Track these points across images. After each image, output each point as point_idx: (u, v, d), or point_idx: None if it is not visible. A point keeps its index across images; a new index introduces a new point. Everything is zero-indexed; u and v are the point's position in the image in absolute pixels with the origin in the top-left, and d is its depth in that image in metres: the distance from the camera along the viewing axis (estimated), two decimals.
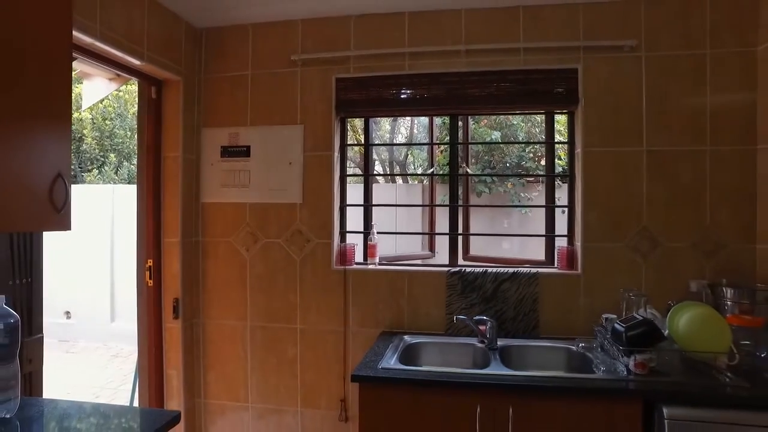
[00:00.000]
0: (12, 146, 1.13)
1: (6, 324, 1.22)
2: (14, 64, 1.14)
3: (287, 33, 2.46)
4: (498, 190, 4.56)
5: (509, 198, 4.53)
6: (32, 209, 1.19)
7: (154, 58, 2.23)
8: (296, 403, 2.46)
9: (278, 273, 2.50)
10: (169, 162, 2.47)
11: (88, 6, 1.84)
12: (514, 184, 4.54)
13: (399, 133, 5.22)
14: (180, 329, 2.47)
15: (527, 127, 4.62)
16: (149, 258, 2.46)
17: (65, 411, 1.34)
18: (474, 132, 4.22)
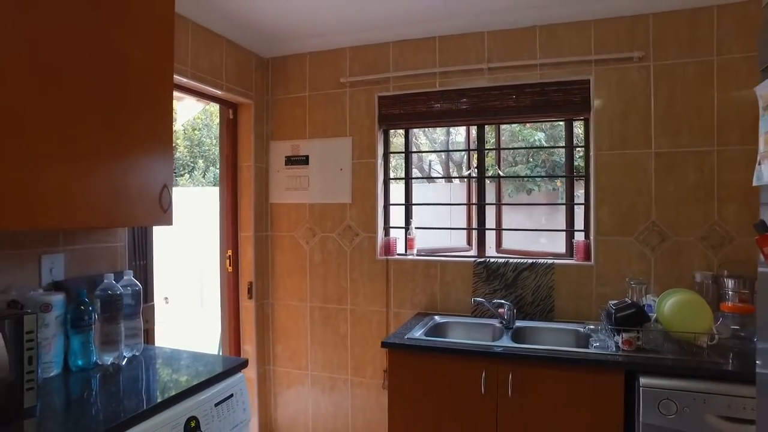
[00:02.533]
0: (136, 166, 1.65)
1: (133, 290, 1.77)
2: (136, 107, 1.66)
3: (337, 59, 2.91)
4: (548, 187, 4.76)
5: (558, 195, 4.71)
6: (147, 210, 1.71)
7: (231, 88, 2.76)
8: (347, 372, 2.92)
9: (332, 262, 2.96)
10: (244, 170, 3.00)
11: (182, 55, 2.38)
12: (563, 183, 4.69)
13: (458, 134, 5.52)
14: (253, 308, 3.00)
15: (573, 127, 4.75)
16: (229, 249, 3.01)
17: (170, 354, 1.86)
18: (519, 133, 4.46)
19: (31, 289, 1.64)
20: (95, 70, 1.50)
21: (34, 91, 1.33)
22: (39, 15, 1.35)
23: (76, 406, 1.41)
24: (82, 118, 1.46)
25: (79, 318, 1.63)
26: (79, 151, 1.45)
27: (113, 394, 1.49)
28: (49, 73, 1.37)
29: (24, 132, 1.30)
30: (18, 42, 1.29)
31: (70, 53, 1.43)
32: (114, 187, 1.56)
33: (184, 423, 1.43)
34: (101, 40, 1.52)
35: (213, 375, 1.63)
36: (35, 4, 1.33)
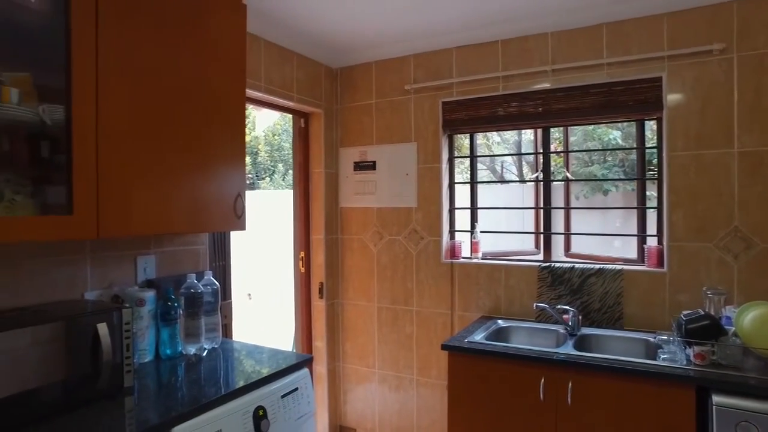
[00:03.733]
0: (213, 178, 1.83)
1: (213, 288, 1.97)
2: (213, 126, 1.84)
3: (402, 67, 2.99)
4: (626, 188, 4.54)
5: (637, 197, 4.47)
6: (224, 217, 1.89)
7: (301, 99, 2.94)
8: (412, 371, 3.00)
9: (398, 264, 3.05)
10: (315, 176, 3.18)
11: (256, 71, 2.58)
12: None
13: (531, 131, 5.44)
14: (324, 307, 3.16)
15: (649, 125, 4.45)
16: (302, 250, 3.20)
17: (244, 348, 2.04)
18: (592, 132, 4.28)
19: (129, 285, 1.88)
20: (180, 96, 1.70)
21: (130, 118, 1.54)
22: (137, 52, 1.55)
23: (165, 389, 1.60)
24: (169, 138, 1.67)
25: (167, 312, 1.85)
26: (166, 168, 1.65)
27: (194, 380, 1.68)
28: (143, 100, 1.58)
29: (121, 153, 1.51)
30: (118, 75, 1.50)
31: (159, 83, 1.63)
32: (195, 198, 1.76)
33: (252, 411, 1.58)
34: (185, 70, 1.72)
35: (280, 369, 1.77)
36: (133, 42, 1.54)
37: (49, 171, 1.54)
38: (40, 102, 1.44)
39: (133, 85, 1.55)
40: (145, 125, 1.59)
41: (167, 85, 1.66)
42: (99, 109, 1.46)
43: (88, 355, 1.46)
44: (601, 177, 4.50)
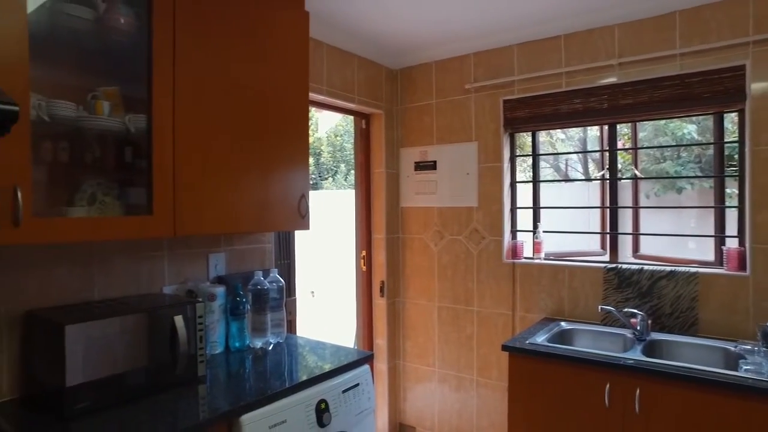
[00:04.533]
0: (279, 180, 1.92)
1: (278, 285, 2.06)
2: (278, 130, 1.93)
3: (462, 66, 2.98)
4: (702, 185, 4.26)
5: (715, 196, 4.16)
6: (288, 217, 1.98)
7: (363, 100, 3.00)
8: (472, 372, 2.98)
9: (459, 264, 3.04)
10: (376, 176, 3.23)
11: (318, 74, 2.67)
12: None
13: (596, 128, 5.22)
14: (385, 305, 3.21)
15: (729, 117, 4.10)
16: (363, 249, 3.26)
17: (308, 343, 2.12)
18: (664, 127, 4.03)
19: (201, 281, 2.01)
20: (247, 102, 1.80)
21: (202, 124, 1.65)
22: (207, 63, 1.66)
23: (234, 379, 1.70)
24: (237, 143, 1.77)
25: (236, 307, 1.96)
26: (234, 170, 1.76)
27: (261, 372, 1.77)
28: (213, 107, 1.69)
29: (194, 157, 1.63)
30: (192, 86, 1.61)
31: (228, 90, 1.74)
32: (261, 198, 1.85)
33: (315, 404, 1.65)
34: (251, 76, 1.82)
35: (342, 364, 1.83)
36: (204, 54, 1.65)
37: (131, 175, 1.68)
38: (126, 112, 1.58)
39: (204, 93, 1.66)
40: (215, 130, 1.70)
41: (235, 92, 1.76)
42: (176, 117, 1.58)
43: (166, 345, 1.58)
44: (675, 174, 4.24)
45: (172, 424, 1.32)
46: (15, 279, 1.53)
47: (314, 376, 1.71)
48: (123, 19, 1.55)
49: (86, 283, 1.70)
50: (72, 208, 1.55)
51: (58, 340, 1.35)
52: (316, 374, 1.72)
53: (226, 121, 1.73)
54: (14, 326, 1.52)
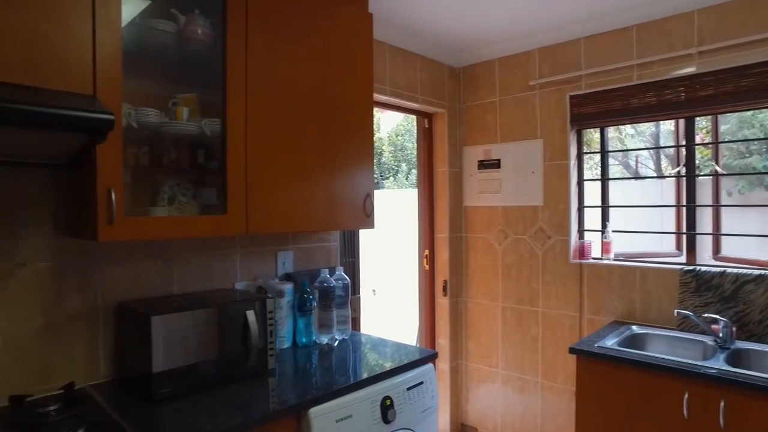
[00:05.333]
0: (345, 180, 1.97)
1: (343, 283, 2.12)
2: (344, 131, 1.98)
3: (526, 62, 2.91)
4: None
5: None
6: (354, 216, 2.02)
7: (425, 99, 3.00)
8: (537, 374, 2.91)
9: (524, 264, 2.98)
10: (439, 175, 3.22)
11: (382, 75, 2.70)
12: None
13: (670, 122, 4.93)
14: (448, 305, 3.20)
15: None
16: (426, 248, 3.27)
17: (372, 341, 2.16)
18: (752, 119, 3.72)
19: (271, 278, 2.10)
20: (313, 104, 1.86)
21: (271, 127, 1.72)
22: (276, 68, 1.74)
23: (301, 373, 1.77)
24: (304, 144, 1.83)
25: (303, 304, 2.03)
26: (302, 171, 1.82)
27: (327, 368, 1.82)
28: (281, 110, 1.76)
29: (264, 158, 1.70)
30: (262, 90, 1.69)
31: (295, 92, 1.80)
32: (328, 198, 1.91)
33: (380, 400, 1.68)
34: (317, 79, 1.88)
35: (407, 362, 1.85)
36: (273, 59, 1.73)
37: (205, 176, 1.78)
38: (202, 117, 1.68)
39: (274, 97, 1.74)
40: (284, 132, 1.77)
41: (302, 95, 1.83)
42: (248, 121, 1.66)
43: (239, 338, 1.66)
44: (763, 170, 3.92)
45: (245, 414, 1.39)
46: (109, 273, 1.67)
47: (379, 372, 1.74)
48: (200, 30, 1.65)
49: (167, 278, 1.82)
50: (155, 207, 1.67)
51: (145, 330, 1.46)
52: (382, 371, 1.75)
53: (295, 123, 1.80)
54: (109, 316, 1.66)
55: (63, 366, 1.57)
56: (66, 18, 1.27)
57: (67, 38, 1.27)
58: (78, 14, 1.29)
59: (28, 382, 1.49)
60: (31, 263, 1.51)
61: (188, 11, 1.64)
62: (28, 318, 1.50)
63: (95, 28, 1.31)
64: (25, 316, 1.50)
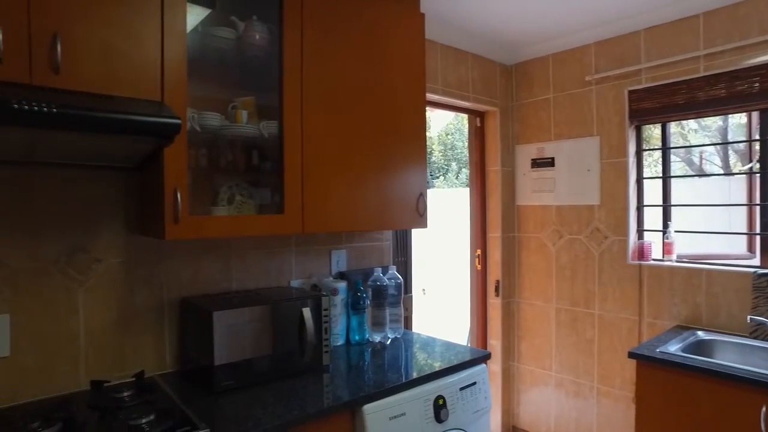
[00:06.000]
0: (397, 179, 1.98)
1: (396, 282, 2.13)
2: (396, 130, 1.99)
3: (581, 57, 2.83)
4: None
5: None
6: (407, 215, 2.03)
7: (477, 98, 2.97)
8: (592, 378, 2.82)
9: (579, 264, 2.90)
10: (491, 174, 3.19)
11: (433, 74, 2.70)
12: None
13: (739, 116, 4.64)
14: (500, 305, 3.16)
15: None
16: (478, 248, 3.24)
17: (424, 340, 2.17)
18: None
19: (325, 276, 2.15)
20: (366, 104, 1.89)
21: (326, 127, 1.76)
22: (330, 70, 1.77)
23: (354, 370, 1.79)
24: (358, 144, 1.86)
25: (356, 302, 2.06)
26: (356, 171, 1.85)
27: (379, 365, 1.84)
28: (335, 111, 1.80)
29: (319, 159, 1.74)
30: (317, 92, 1.73)
31: (349, 94, 1.83)
32: (381, 197, 1.93)
33: (433, 399, 1.68)
34: (370, 80, 1.90)
35: (460, 362, 1.84)
36: (327, 62, 1.76)
37: (262, 176, 1.85)
38: (260, 119, 1.74)
39: (328, 98, 1.77)
40: (338, 133, 1.80)
41: (355, 96, 1.85)
42: (304, 122, 1.70)
43: (295, 334, 1.71)
44: None
45: (302, 408, 1.43)
46: (173, 269, 1.76)
47: (433, 372, 1.74)
48: (258, 36, 1.71)
49: (226, 275, 1.89)
50: (215, 207, 1.74)
51: (207, 324, 1.53)
52: (435, 370, 1.75)
53: (349, 124, 1.83)
54: (173, 310, 1.76)
55: (134, 355, 1.67)
56: (138, 31, 1.35)
57: (138, 49, 1.35)
58: (148, 27, 1.37)
59: (105, 369, 1.60)
60: (106, 259, 1.62)
61: (247, 18, 1.70)
62: (105, 310, 1.61)
63: (163, 39, 1.39)
64: (102, 307, 1.61)
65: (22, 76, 1.17)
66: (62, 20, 1.23)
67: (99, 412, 1.35)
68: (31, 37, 1.18)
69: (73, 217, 1.56)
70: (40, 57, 1.19)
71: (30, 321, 1.48)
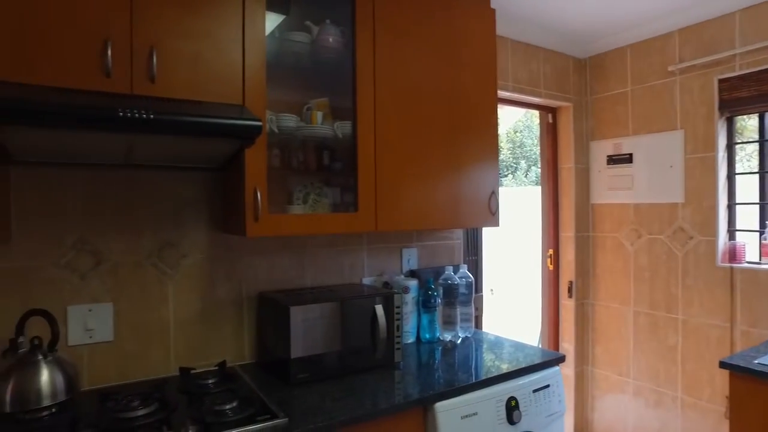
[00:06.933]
0: (469, 177, 1.97)
1: (467, 281, 2.12)
2: (468, 128, 1.97)
3: (663, 46, 2.66)
4: None
5: None
6: (479, 214, 2.01)
7: (549, 93, 2.89)
8: (676, 388, 2.65)
9: (660, 266, 2.74)
10: (564, 172, 3.08)
11: (503, 71, 2.65)
12: None
13: None
14: (573, 307, 3.05)
15: None
16: (550, 248, 3.14)
17: (495, 340, 2.14)
18: None
19: (396, 274, 2.17)
20: (436, 103, 1.89)
21: (398, 127, 1.78)
22: (401, 70, 1.79)
23: (425, 368, 1.80)
24: (430, 142, 1.86)
25: (427, 300, 2.07)
26: (427, 169, 1.86)
27: (450, 364, 1.83)
28: (406, 111, 1.81)
29: (391, 158, 1.76)
30: (389, 91, 1.76)
31: (420, 93, 1.84)
32: (453, 196, 1.92)
33: (505, 400, 1.65)
34: (440, 78, 1.90)
35: (533, 363, 1.80)
36: (398, 63, 1.78)
37: (335, 175, 1.89)
38: (334, 120, 1.79)
39: (399, 98, 1.79)
40: (410, 132, 1.82)
41: (426, 94, 1.86)
42: (376, 122, 1.73)
43: (367, 331, 1.74)
44: None
45: (374, 403, 1.46)
46: (251, 265, 1.85)
47: (505, 372, 1.71)
48: (331, 39, 1.75)
49: (300, 271, 1.96)
50: (291, 206, 1.81)
51: (284, 318, 1.59)
52: (507, 371, 1.72)
53: (420, 122, 1.84)
54: (252, 304, 1.84)
55: (216, 346, 1.77)
56: (222, 40, 1.43)
57: (223, 57, 1.43)
58: (231, 36, 1.45)
59: (192, 357, 1.71)
60: (192, 254, 1.73)
61: (320, 22, 1.76)
62: (191, 301, 1.72)
63: (244, 46, 1.47)
64: (188, 299, 1.72)
65: (125, 87, 1.28)
66: (158, 34, 1.33)
67: (188, 397, 1.45)
68: (132, 51, 1.29)
69: (163, 214, 1.68)
70: (139, 68, 1.30)
71: (129, 310, 1.61)
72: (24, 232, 1.47)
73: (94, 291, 1.57)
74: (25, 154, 1.36)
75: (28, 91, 1.14)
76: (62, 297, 1.52)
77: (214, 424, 1.24)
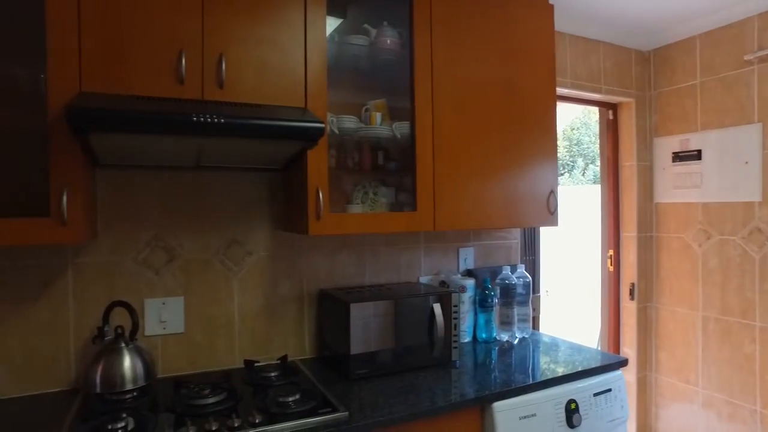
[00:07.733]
0: (527, 176, 1.94)
1: (524, 281, 2.09)
2: (525, 127, 1.95)
3: (738, 34, 2.51)
4: None
5: None
6: (537, 213, 1.98)
7: (609, 89, 2.79)
8: (754, 401, 2.49)
9: (733, 269, 2.58)
10: (626, 170, 2.97)
11: (562, 67, 2.58)
12: None
13: None
14: (635, 310, 2.93)
15: None
16: (610, 248, 3.04)
17: (553, 341, 2.09)
18: None
19: (453, 273, 2.17)
20: (494, 101, 1.88)
21: (456, 126, 1.79)
22: (459, 69, 1.79)
23: (482, 367, 1.79)
24: (488, 142, 1.86)
25: (484, 300, 2.06)
26: (485, 168, 1.85)
27: (508, 364, 1.82)
28: (464, 110, 1.81)
29: (450, 157, 1.77)
30: (447, 91, 1.76)
31: (477, 91, 1.84)
32: (510, 194, 1.90)
33: (565, 403, 1.62)
34: (498, 76, 1.89)
35: (593, 366, 1.76)
36: (456, 62, 1.78)
37: (393, 175, 1.92)
38: (392, 120, 1.81)
39: (458, 97, 1.79)
40: (468, 131, 1.82)
41: (484, 93, 1.85)
42: (434, 122, 1.74)
43: (424, 329, 1.75)
44: None
45: (432, 400, 1.47)
46: (311, 263, 1.90)
47: (565, 374, 1.68)
48: (389, 41, 1.78)
49: (359, 269, 2.00)
50: (351, 205, 1.85)
51: (344, 315, 1.63)
52: (566, 373, 1.69)
53: (478, 121, 1.84)
54: (311, 300, 1.90)
55: (278, 340, 1.84)
56: (285, 46, 1.49)
57: (286, 62, 1.49)
58: (294, 41, 1.50)
59: (255, 351, 1.79)
60: (256, 252, 1.80)
61: (378, 24, 1.79)
62: (255, 297, 1.80)
63: (306, 51, 1.52)
64: (252, 295, 1.79)
65: (196, 93, 1.36)
66: (227, 41, 1.40)
67: (253, 388, 1.52)
68: (203, 59, 1.36)
69: (229, 213, 1.76)
70: (209, 75, 1.37)
71: (198, 303, 1.71)
72: (107, 229, 1.59)
73: (167, 285, 1.67)
74: (109, 157, 1.47)
75: (119, 102, 1.24)
76: (140, 290, 1.63)
77: (278, 414, 1.29)
